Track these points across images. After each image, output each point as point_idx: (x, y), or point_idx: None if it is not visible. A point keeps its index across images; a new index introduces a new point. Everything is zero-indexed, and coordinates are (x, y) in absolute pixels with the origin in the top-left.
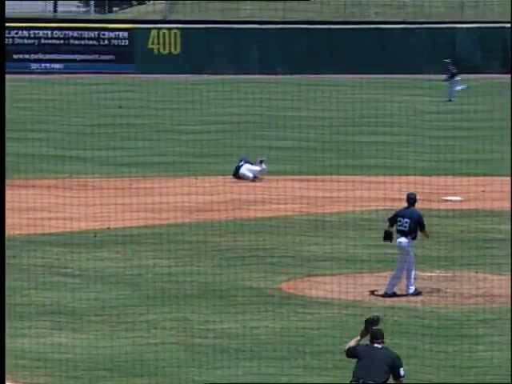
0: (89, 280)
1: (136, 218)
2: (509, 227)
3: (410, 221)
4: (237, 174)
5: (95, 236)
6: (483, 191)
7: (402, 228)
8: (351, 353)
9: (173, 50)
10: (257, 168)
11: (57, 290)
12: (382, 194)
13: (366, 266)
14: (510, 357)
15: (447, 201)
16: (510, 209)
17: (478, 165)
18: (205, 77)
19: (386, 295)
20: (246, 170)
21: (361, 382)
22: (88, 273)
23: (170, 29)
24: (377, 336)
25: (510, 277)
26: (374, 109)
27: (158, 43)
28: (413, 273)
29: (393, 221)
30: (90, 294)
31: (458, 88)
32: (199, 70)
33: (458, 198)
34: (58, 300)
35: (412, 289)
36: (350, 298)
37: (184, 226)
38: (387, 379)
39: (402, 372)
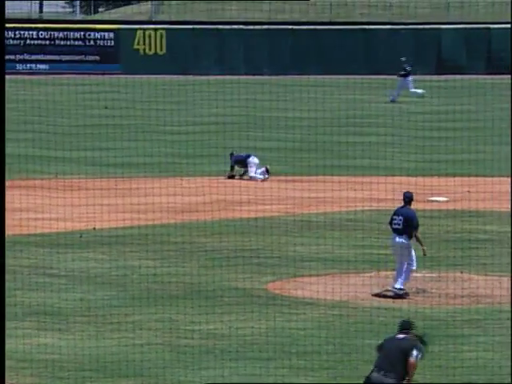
0: (74, 281)
1: (122, 218)
2: (494, 227)
3: (402, 219)
4: (241, 164)
5: (81, 236)
6: (468, 191)
7: (396, 226)
8: (378, 348)
9: (158, 50)
10: (261, 169)
11: (42, 291)
12: (368, 194)
13: (352, 266)
14: (494, 357)
15: (433, 201)
16: (495, 209)
17: (463, 165)
18: (190, 77)
19: (404, 296)
20: (256, 167)
21: (381, 373)
22: (74, 273)
23: (155, 29)
24: (402, 327)
25: (501, 277)
26: (360, 109)
27: (144, 44)
28: (409, 275)
29: (391, 221)
30: (75, 294)
31: (418, 92)
32: (185, 70)
33: (443, 199)
34: (43, 300)
35: (398, 286)
36: (336, 298)
37: (170, 227)
38: (402, 369)
39: (414, 353)
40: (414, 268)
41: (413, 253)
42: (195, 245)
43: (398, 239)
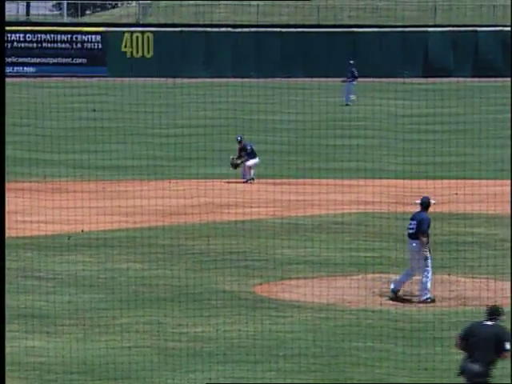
0: (62, 283)
1: (110, 221)
2: (481, 230)
3: (416, 223)
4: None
5: (69, 239)
6: (456, 194)
7: (410, 231)
8: (464, 333)
9: (146, 53)
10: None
11: (30, 294)
12: (356, 197)
13: (339, 269)
14: None
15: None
16: (483, 212)
17: (450, 168)
18: (178, 80)
19: (391, 292)
20: (254, 167)
21: (470, 360)
22: (61, 276)
23: (143, 32)
24: (491, 313)
25: (488, 280)
26: (348, 112)
27: (131, 46)
28: (429, 278)
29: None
30: (63, 297)
31: (352, 97)
32: (172, 73)
33: (430, 201)
34: (31, 303)
35: (426, 295)
36: (324, 301)
37: (158, 230)
38: (494, 356)
39: (506, 346)
40: (429, 278)
41: (428, 261)
42: (183, 247)
43: (411, 244)
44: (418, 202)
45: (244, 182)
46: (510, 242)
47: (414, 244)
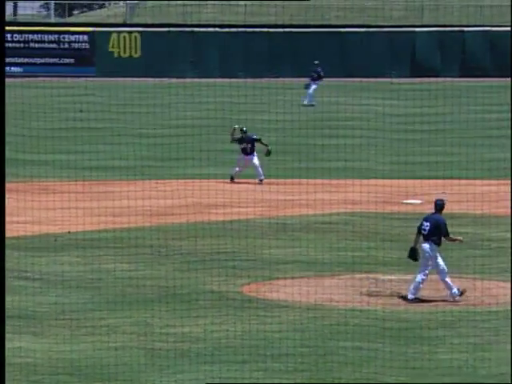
0: (49, 284)
1: (96, 221)
2: (468, 229)
3: (430, 225)
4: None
5: (55, 240)
6: (443, 193)
7: (423, 232)
8: None
9: (133, 53)
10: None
11: (17, 294)
12: (343, 196)
13: (327, 268)
14: (468, 359)
15: (407, 204)
16: (470, 211)
17: (438, 167)
18: (166, 80)
19: (408, 300)
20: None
21: None
22: (48, 277)
23: (130, 32)
24: None
25: (475, 279)
26: (335, 112)
27: (119, 46)
28: (446, 277)
29: (419, 227)
30: (50, 298)
31: (311, 100)
32: (160, 73)
33: (418, 201)
34: (18, 304)
35: (455, 291)
36: (311, 300)
37: (145, 230)
38: None
39: None
40: (424, 280)
41: (439, 260)
42: (170, 248)
43: (423, 245)
44: (411, 201)
45: (260, 183)
46: (511, 241)
47: (425, 245)
